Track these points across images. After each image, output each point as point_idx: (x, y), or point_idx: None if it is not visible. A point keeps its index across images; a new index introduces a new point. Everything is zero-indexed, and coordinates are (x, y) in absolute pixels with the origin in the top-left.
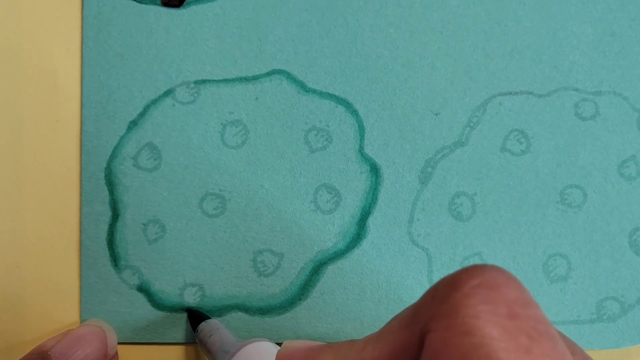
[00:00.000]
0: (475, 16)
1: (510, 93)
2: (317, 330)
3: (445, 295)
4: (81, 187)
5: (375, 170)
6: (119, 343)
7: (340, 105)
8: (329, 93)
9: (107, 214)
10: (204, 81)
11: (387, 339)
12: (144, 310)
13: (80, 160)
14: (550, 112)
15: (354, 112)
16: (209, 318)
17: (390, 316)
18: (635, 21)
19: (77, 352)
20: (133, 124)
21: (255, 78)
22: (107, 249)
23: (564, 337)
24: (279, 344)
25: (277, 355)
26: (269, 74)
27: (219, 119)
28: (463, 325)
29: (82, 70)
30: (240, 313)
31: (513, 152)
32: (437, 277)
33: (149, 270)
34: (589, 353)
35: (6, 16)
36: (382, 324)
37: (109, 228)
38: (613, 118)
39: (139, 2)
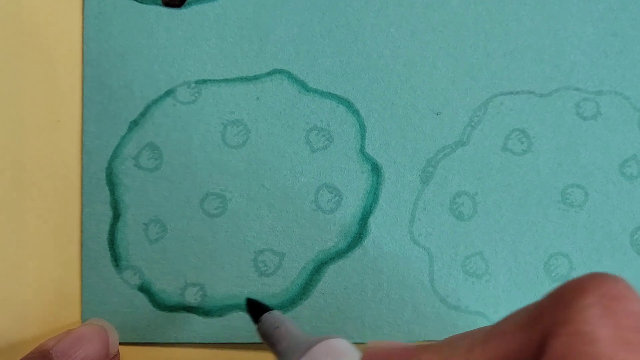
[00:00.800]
0: (476, 16)
1: (512, 92)
2: (319, 329)
3: (571, 300)
4: (82, 187)
5: (376, 170)
6: (120, 343)
7: (341, 105)
8: (330, 93)
9: (108, 214)
10: (205, 81)
11: (498, 341)
12: (145, 310)
13: (81, 160)
14: (552, 112)
15: (355, 112)
16: (272, 309)
17: (391, 315)
18: (637, 21)
19: (78, 352)
20: (134, 124)
21: (256, 78)
22: (108, 249)
23: None
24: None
25: (367, 354)
26: (270, 73)
27: (220, 119)
28: (589, 334)
29: (83, 70)
30: (241, 313)
31: (514, 151)
32: (438, 277)
33: (150, 270)
34: None
35: (7, 16)
36: (384, 324)
37: (110, 228)
38: (614, 118)
39: (140, 2)
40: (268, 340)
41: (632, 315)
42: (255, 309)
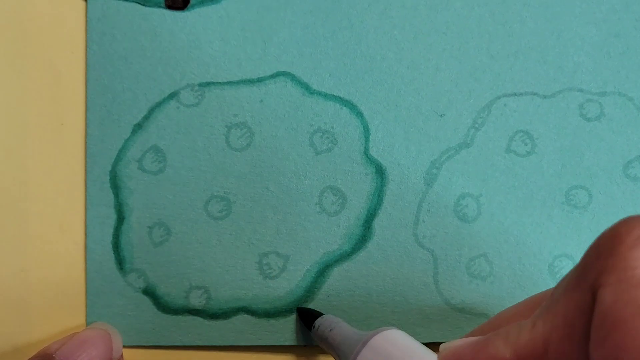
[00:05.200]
0: (479, 17)
1: (515, 94)
2: None
3: (610, 249)
4: (86, 191)
5: (380, 172)
6: (124, 346)
7: (345, 107)
8: (333, 95)
9: (113, 217)
10: (208, 84)
11: (555, 308)
12: (150, 313)
13: (85, 164)
14: (555, 113)
15: (359, 114)
16: (322, 314)
17: (396, 317)
18: None
19: (82, 355)
20: (138, 127)
21: (259, 80)
22: (113, 252)
23: None
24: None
25: (441, 356)
26: (273, 76)
27: (224, 122)
28: (635, 278)
29: (86, 74)
30: (246, 315)
31: (518, 153)
32: (442, 279)
33: (154, 273)
34: None
35: (11, 20)
36: (388, 326)
37: (114, 231)
38: (618, 119)
39: (143, 4)
40: (325, 343)
41: None
42: (307, 316)
